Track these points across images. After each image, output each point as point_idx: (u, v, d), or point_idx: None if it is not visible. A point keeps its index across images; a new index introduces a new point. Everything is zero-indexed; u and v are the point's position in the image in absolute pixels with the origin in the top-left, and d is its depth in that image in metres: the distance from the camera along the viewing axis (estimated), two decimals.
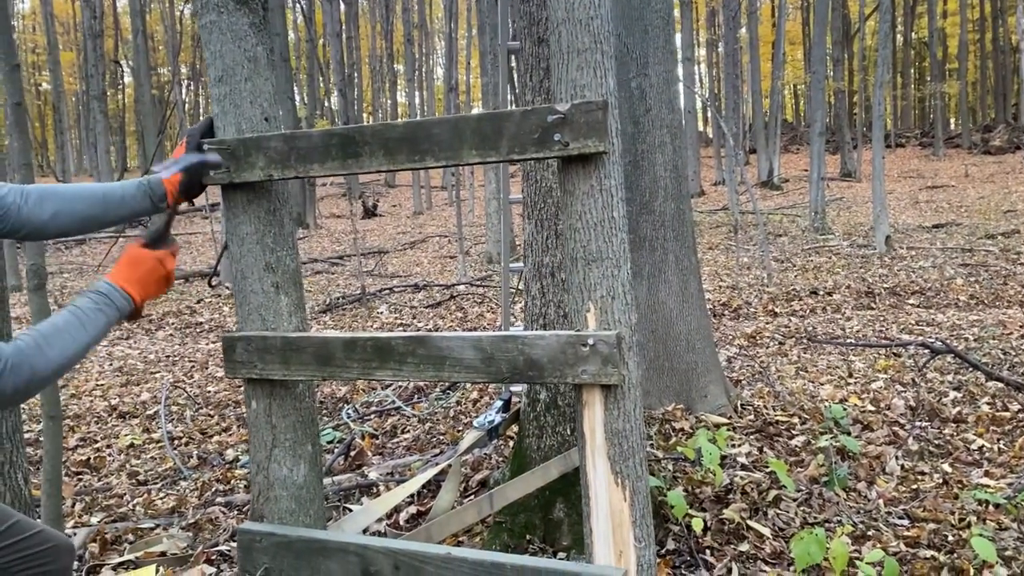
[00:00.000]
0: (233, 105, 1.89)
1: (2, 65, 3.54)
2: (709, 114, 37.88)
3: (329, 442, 4.68)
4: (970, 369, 5.15)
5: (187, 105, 32.43)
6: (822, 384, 5.11)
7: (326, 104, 31.56)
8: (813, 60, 17.12)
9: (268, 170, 1.82)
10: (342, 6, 28.65)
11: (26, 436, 4.42)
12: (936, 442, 3.97)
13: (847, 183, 25.54)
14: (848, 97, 32.16)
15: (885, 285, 9.18)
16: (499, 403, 3.31)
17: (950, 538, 2.90)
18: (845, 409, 4.25)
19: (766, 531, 2.99)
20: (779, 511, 3.17)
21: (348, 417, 5.20)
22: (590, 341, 1.58)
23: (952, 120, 41.27)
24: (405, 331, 8.15)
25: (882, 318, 7.47)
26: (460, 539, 3.10)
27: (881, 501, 3.27)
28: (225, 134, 1.90)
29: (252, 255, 1.91)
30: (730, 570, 2.77)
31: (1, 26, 3.61)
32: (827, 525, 3.06)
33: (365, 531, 2.92)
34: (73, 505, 4.00)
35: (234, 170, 1.85)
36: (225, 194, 1.93)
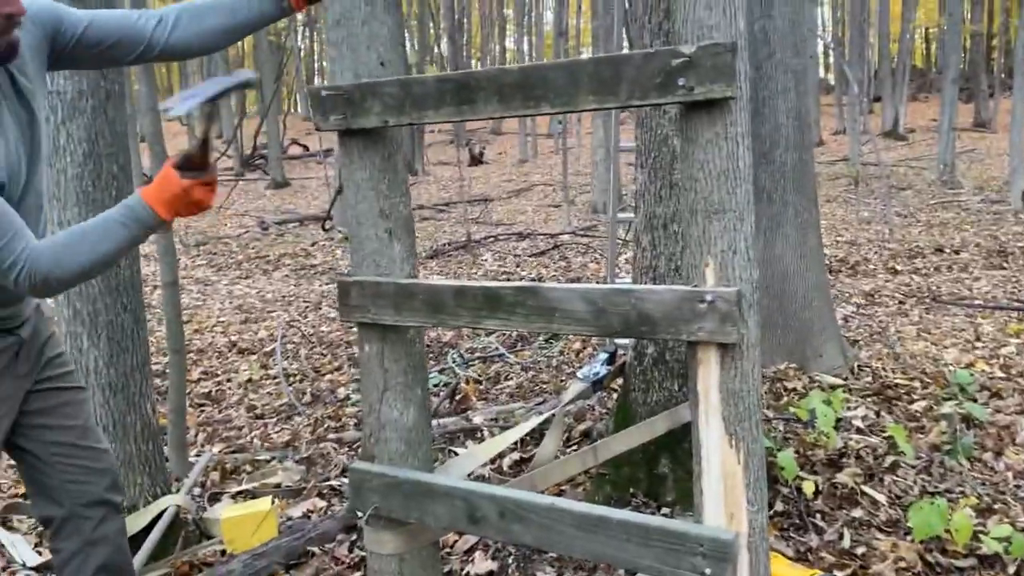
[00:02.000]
0: (350, 49, 1.89)
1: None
2: (831, 59, 35.95)
3: (435, 385, 4.78)
4: None
5: (302, 51, 33.13)
6: (946, 347, 4.84)
7: (435, 50, 31.63)
8: (949, 1, 15.93)
9: (384, 116, 1.81)
10: None
11: (153, 368, 4.70)
12: None
13: (980, 134, 23.87)
14: (987, 40, 29.89)
15: (1020, 244, 8.58)
16: (604, 355, 3.28)
17: None
18: (972, 374, 4.01)
19: (881, 498, 2.88)
20: (896, 478, 3.04)
21: (453, 362, 5.29)
22: (708, 297, 1.52)
23: None
24: (509, 279, 8.19)
25: (1015, 279, 7.00)
26: (563, 488, 3.12)
27: (1010, 473, 3.08)
28: (342, 79, 1.89)
29: (367, 201, 1.92)
30: (841, 535, 2.68)
31: None
32: (948, 495, 2.91)
33: (469, 475, 2.97)
34: (196, 435, 4.24)
35: (350, 116, 1.85)
36: (341, 140, 1.94)
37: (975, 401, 3.71)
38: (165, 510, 2.79)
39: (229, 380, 5.33)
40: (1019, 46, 12.05)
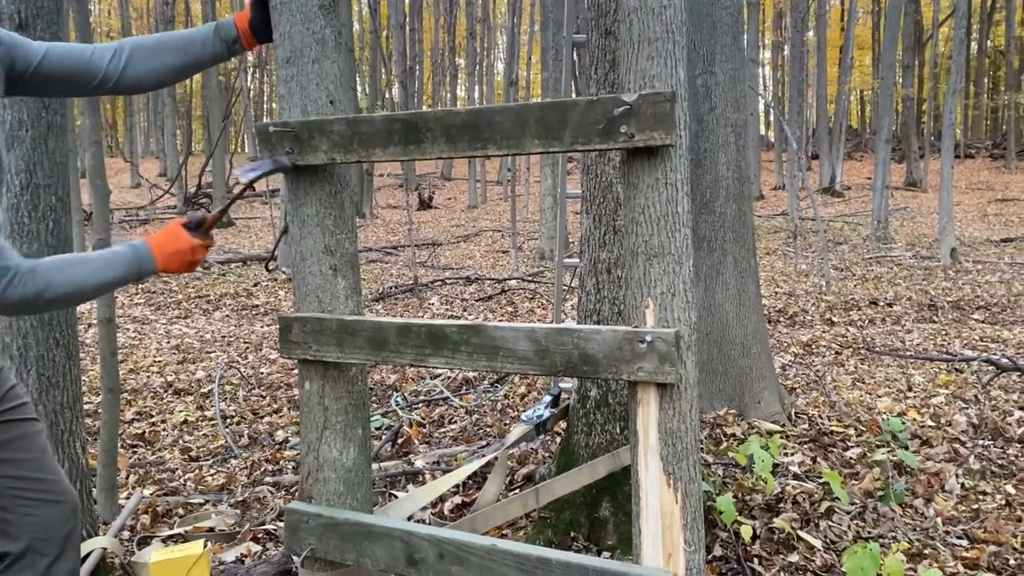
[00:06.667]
0: (299, 87, 1.90)
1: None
2: (771, 117, 37.21)
3: (377, 428, 4.72)
4: None
5: (251, 92, 33.01)
6: (879, 396, 4.97)
7: (387, 95, 31.86)
8: (882, 66, 16.68)
9: (331, 153, 1.83)
10: None
11: (85, 407, 4.54)
12: (999, 462, 3.82)
13: (912, 193, 24.87)
14: (917, 105, 31.29)
15: (949, 298, 8.91)
16: (548, 398, 3.29)
17: (1011, 562, 2.79)
18: (903, 423, 4.12)
19: (817, 543, 2.92)
20: (831, 523, 3.09)
21: (397, 405, 5.23)
22: (648, 338, 1.55)
23: None
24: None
25: (944, 332, 7.25)
26: (504, 532, 3.09)
27: (939, 519, 3.16)
28: (290, 116, 1.91)
29: (312, 237, 1.92)
30: None
31: (79, 8, 3.71)
32: (881, 540, 2.97)
33: (410, 518, 2.93)
34: (127, 477, 4.10)
35: (298, 152, 1.86)
36: (288, 176, 1.94)
37: (907, 449, 3.81)
38: (91, 553, 2.68)
39: (164, 421, 5.18)
40: (946, 112, 12.66)
